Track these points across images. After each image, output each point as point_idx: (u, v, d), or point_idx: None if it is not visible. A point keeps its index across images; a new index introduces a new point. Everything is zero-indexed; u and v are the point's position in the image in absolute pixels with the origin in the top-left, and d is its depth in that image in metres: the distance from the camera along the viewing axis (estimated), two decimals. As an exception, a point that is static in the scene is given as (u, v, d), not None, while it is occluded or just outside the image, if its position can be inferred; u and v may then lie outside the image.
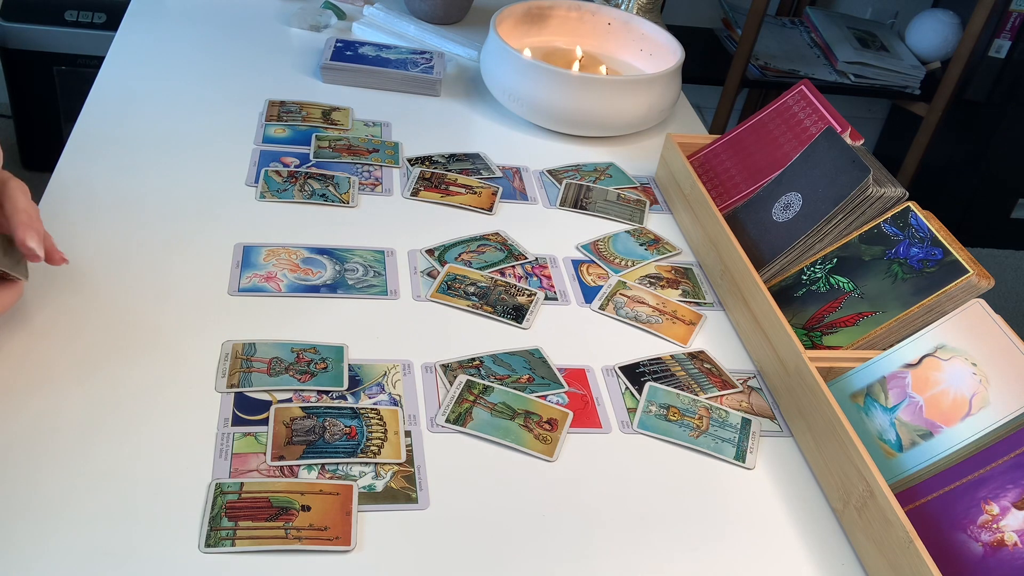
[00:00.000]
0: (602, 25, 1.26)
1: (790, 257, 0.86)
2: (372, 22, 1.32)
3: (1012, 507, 0.60)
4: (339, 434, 0.67)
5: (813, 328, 0.81)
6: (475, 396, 0.72)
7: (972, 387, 0.66)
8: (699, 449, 0.72)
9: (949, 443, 0.65)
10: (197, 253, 0.82)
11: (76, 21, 1.97)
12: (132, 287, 0.77)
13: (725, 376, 0.80)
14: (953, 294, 0.74)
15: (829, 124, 0.92)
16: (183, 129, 1.00)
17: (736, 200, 0.97)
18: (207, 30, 1.23)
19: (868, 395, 0.72)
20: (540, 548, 0.62)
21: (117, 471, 0.61)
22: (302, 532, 0.59)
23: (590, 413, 0.73)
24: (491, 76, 1.14)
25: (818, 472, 0.71)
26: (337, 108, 1.10)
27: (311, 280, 0.82)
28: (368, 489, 0.63)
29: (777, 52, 2.19)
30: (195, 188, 0.91)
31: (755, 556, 0.64)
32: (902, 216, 0.81)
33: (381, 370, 0.73)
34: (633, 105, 1.10)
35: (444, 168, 1.02)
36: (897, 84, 2.18)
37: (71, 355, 0.70)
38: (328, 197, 0.93)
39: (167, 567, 0.56)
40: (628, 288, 0.88)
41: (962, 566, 0.60)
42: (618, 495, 0.67)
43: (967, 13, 2.05)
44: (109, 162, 0.93)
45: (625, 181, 1.07)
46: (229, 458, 0.64)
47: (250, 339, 0.74)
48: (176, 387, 0.69)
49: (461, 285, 0.84)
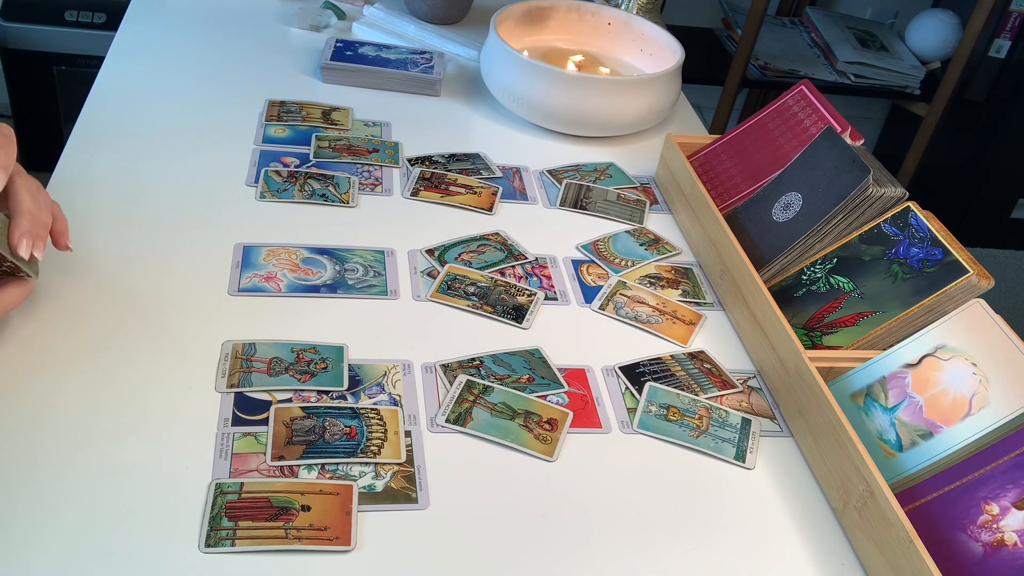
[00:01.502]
0: (602, 25, 1.26)
1: (790, 257, 0.86)
2: (372, 22, 1.32)
3: (1012, 507, 0.60)
4: (339, 434, 0.67)
5: (813, 328, 0.81)
6: (475, 396, 0.72)
7: (972, 387, 0.66)
8: (699, 449, 0.72)
9: (949, 443, 0.65)
10: (197, 253, 0.82)
11: (76, 21, 1.97)
12: (132, 287, 0.77)
13: (725, 376, 0.80)
14: (953, 294, 0.74)
15: (829, 124, 0.92)
16: (183, 129, 1.00)
17: (736, 200, 0.97)
18: (207, 30, 1.23)
19: (868, 395, 0.72)
20: (540, 548, 0.62)
21: (117, 471, 0.61)
22: (302, 532, 0.59)
23: (590, 413, 0.73)
24: (491, 76, 1.14)
25: (818, 472, 0.71)
26: (337, 108, 1.10)
27: (311, 280, 0.82)
28: (368, 489, 0.63)
29: (777, 52, 2.19)
30: (195, 188, 0.91)
31: (755, 556, 0.64)
32: (902, 216, 0.81)
33: (381, 370, 0.73)
34: (633, 105, 1.10)
35: (444, 168, 1.02)
36: (897, 84, 2.18)
37: (71, 355, 0.70)
38: (328, 197, 0.93)
39: (167, 567, 0.56)
40: (628, 288, 0.88)
41: (962, 566, 0.60)
42: (618, 495, 0.67)
43: (967, 13, 2.05)
44: (109, 162, 0.93)
45: (625, 181, 1.07)
46: (229, 458, 0.64)
47: (250, 339, 0.74)
48: (176, 387, 0.69)
49: (461, 285, 0.84)
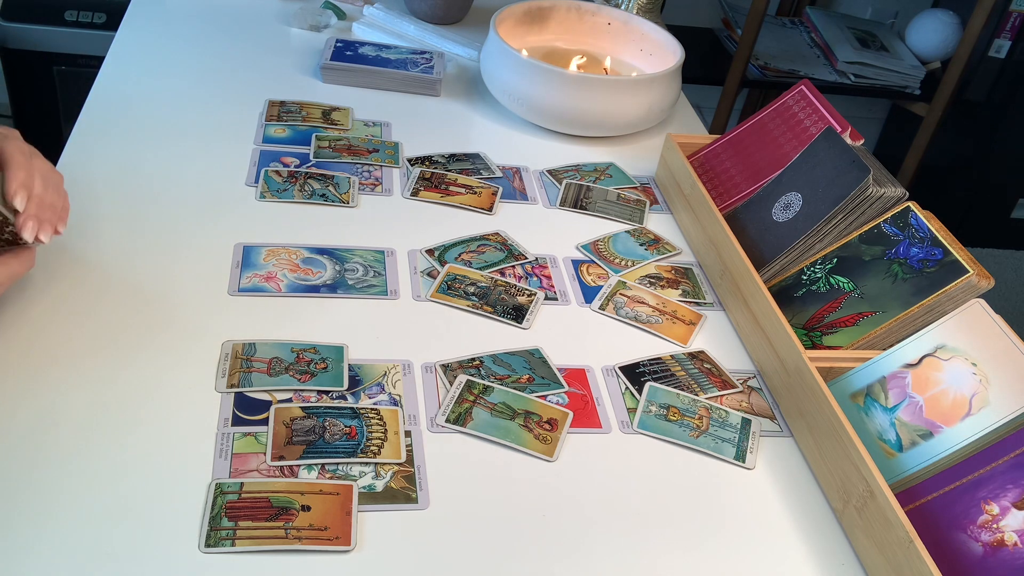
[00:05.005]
0: (602, 25, 1.26)
1: (790, 257, 0.86)
2: (372, 22, 1.32)
3: (1012, 507, 0.60)
4: (339, 434, 0.67)
5: (813, 328, 0.81)
6: (475, 396, 0.72)
7: (972, 387, 0.66)
8: (699, 449, 0.72)
9: (949, 443, 0.65)
10: (197, 253, 0.82)
11: (76, 21, 1.97)
12: (132, 287, 0.77)
13: (725, 376, 0.80)
14: (953, 294, 0.74)
15: (829, 124, 0.92)
16: (183, 129, 1.00)
17: (736, 200, 0.97)
18: (207, 30, 1.23)
19: (868, 395, 0.72)
20: (540, 548, 0.62)
21: (117, 471, 0.61)
22: (302, 532, 0.59)
23: (590, 413, 0.73)
24: (491, 76, 1.14)
25: (818, 472, 0.71)
26: (337, 108, 1.10)
27: (311, 280, 0.82)
28: (368, 489, 0.63)
29: (777, 52, 2.18)
30: (195, 188, 0.91)
31: (755, 556, 0.64)
32: (902, 216, 0.81)
33: (381, 370, 0.73)
34: (633, 105, 1.10)
35: (444, 168, 1.02)
36: (897, 84, 2.18)
37: (71, 355, 0.70)
38: (328, 197, 0.93)
39: (167, 567, 0.56)
40: (628, 288, 0.88)
41: (962, 566, 0.60)
42: (618, 495, 0.67)
43: (967, 13, 2.04)
44: (109, 162, 0.93)
45: (625, 181, 1.07)
46: (229, 458, 0.64)
47: (250, 339, 0.74)
48: (176, 387, 0.69)
49: (461, 285, 0.84)
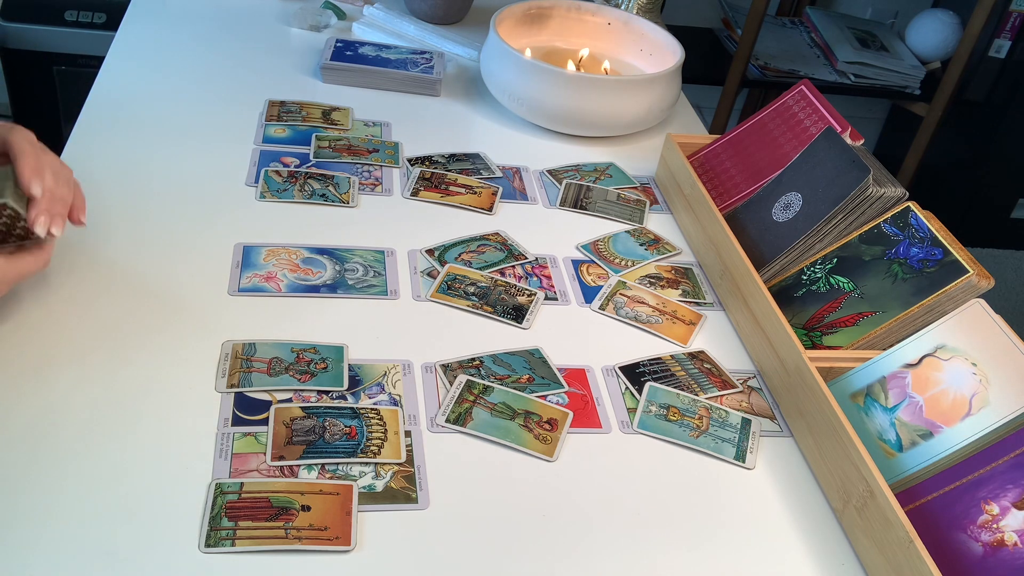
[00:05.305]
0: (602, 25, 1.26)
1: (790, 257, 0.86)
2: (372, 22, 1.32)
3: (1012, 507, 0.60)
4: (339, 434, 0.67)
5: (813, 328, 0.81)
6: (475, 396, 0.72)
7: (972, 387, 0.66)
8: (699, 449, 0.72)
9: (949, 443, 0.65)
10: (197, 253, 0.82)
11: (76, 21, 1.96)
12: (132, 287, 0.77)
13: (725, 376, 0.80)
14: (953, 294, 0.74)
15: (829, 124, 0.92)
16: (183, 129, 1.00)
17: (736, 200, 0.97)
18: (207, 30, 1.23)
19: (868, 395, 0.72)
20: (540, 548, 0.62)
21: (117, 471, 0.61)
22: (302, 532, 0.59)
23: (590, 413, 0.73)
24: (491, 76, 1.14)
25: (818, 472, 0.71)
26: (337, 108, 1.10)
27: (311, 280, 0.82)
28: (368, 489, 0.63)
29: (777, 52, 2.18)
30: (195, 188, 0.91)
31: (755, 556, 0.64)
32: (902, 216, 0.81)
33: (381, 370, 0.73)
34: (633, 105, 1.10)
35: (444, 168, 1.02)
36: (897, 84, 2.18)
37: (71, 355, 0.70)
38: (328, 197, 0.93)
39: (167, 567, 0.56)
40: (628, 288, 0.88)
41: (962, 566, 0.60)
42: (618, 495, 0.67)
43: (967, 13, 2.04)
44: (109, 162, 0.93)
45: (625, 181, 1.07)
46: (229, 458, 0.64)
47: (250, 339, 0.74)
48: (176, 387, 0.69)
49: (461, 285, 0.84)
